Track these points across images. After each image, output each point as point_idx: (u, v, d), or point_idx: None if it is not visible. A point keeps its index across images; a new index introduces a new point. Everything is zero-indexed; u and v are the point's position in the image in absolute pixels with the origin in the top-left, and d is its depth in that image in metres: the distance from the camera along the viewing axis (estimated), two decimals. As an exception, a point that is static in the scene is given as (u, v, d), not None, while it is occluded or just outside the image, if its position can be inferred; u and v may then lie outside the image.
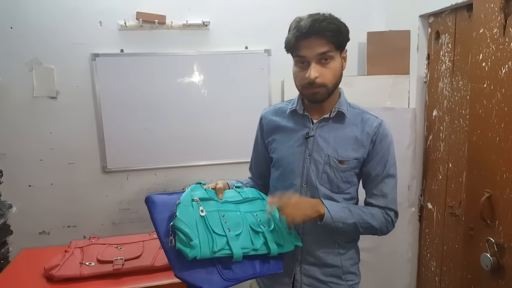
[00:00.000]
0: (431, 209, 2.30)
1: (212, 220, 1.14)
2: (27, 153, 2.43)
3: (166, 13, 2.44)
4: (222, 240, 1.12)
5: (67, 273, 1.62)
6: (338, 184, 1.26)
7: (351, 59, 2.71)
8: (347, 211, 1.23)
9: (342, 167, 1.25)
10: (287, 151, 1.30)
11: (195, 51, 2.52)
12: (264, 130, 1.39)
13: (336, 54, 1.19)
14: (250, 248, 1.17)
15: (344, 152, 1.25)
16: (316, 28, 1.13)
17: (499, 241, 1.32)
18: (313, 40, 1.15)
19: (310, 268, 1.29)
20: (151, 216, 1.14)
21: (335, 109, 1.27)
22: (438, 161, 2.22)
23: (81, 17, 2.38)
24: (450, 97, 2.09)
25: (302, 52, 1.17)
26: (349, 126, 1.27)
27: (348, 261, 1.33)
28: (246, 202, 1.26)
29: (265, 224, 1.23)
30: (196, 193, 1.18)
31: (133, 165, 2.55)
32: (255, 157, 1.48)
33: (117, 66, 2.44)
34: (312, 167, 1.26)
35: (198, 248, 1.07)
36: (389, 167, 1.29)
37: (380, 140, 1.27)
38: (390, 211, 1.30)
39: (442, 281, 2.23)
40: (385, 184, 1.28)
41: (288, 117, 1.33)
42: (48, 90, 2.40)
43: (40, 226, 2.51)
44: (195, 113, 2.56)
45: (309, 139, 1.27)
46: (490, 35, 1.34)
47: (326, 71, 1.18)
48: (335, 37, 1.16)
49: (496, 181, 1.33)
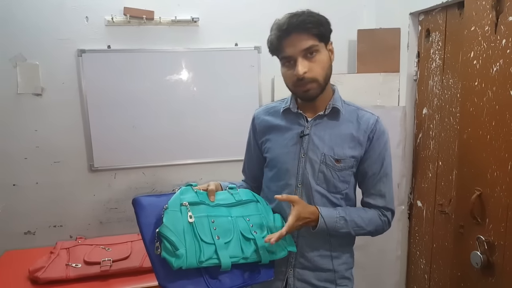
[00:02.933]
0: (421, 207, 2.31)
1: (201, 227, 1.08)
2: (12, 151, 2.37)
3: (154, 8, 2.40)
4: (210, 249, 1.07)
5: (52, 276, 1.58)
6: (335, 184, 1.23)
7: (341, 57, 2.73)
8: (343, 221, 1.20)
9: (339, 166, 1.21)
10: (281, 151, 1.26)
11: (184, 48, 2.49)
12: (257, 131, 1.36)
13: (321, 47, 1.16)
14: (239, 256, 1.11)
15: (341, 150, 1.22)
16: (295, 23, 1.12)
17: (489, 239, 1.33)
18: (295, 37, 1.13)
19: (304, 273, 1.27)
20: (138, 220, 1.09)
21: (330, 105, 1.24)
22: (428, 159, 2.23)
23: (67, 12, 2.32)
24: (440, 95, 2.10)
25: (286, 52, 1.15)
26: (345, 123, 1.24)
27: (343, 265, 1.30)
28: (239, 205, 1.20)
29: (258, 230, 1.17)
30: (186, 197, 1.12)
31: (121, 163, 2.50)
32: (248, 159, 1.45)
33: (104, 62, 2.39)
34: (308, 166, 1.23)
35: (184, 258, 1.02)
36: (387, 166, 1.26)
37: (377, 137, 1.24)
38: (387, 211, 1.28)
39: (431, 278, 2.24)
40: (383, 183, 1.26)
41: (282, 116, 1.30)
42: (33, 87, 2.34)
43: (25, 226, 2.45)
44: (184, 110, 2.53)
45: (304, 137, 1.24)
46: (482, 33, 1.34)
47: (314, 65, 1.15)
48: (317, 28, 1.14)
49: (487, 179, 1.33)
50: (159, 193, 2.60)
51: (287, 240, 1.21)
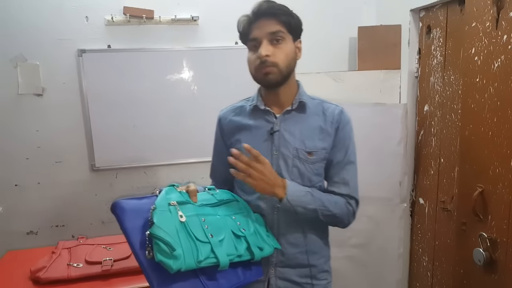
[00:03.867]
0: (423, 205, 2.30)
1: (194, 226, 1.02)
2: (13, 151, 2.37)
3: (154, 7, 2.39)
4: (206, 248, 1.01)
5: (54, 275, 1.57)
6: (310, 177, 1.24)
7: (341, 54, 2.73)
8: (310, 195, 1.19)
9: (311, 159, 1.23)
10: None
11: (184, 47, 2.48)
12: (225, 132, 1.35)
13: (288, 37, 1.19)
14: (234, 254, 1.07)
15: (311, 143, 1.23)
16: (266, 8, 1.16)
17: (492, 236, 1.32)
18: (264, 21, 1.16)
19: (285, 271, 1.26)
20: (121, 225, 0.98)
21: (296, 100, 1.26)
22: (430, 156, 2.22)
23: (66, 12, 2.32)
24: (442, 92, 2.09)
25: (253, 34, 1.18)
26: (312, 117, 1.26)
27: (321, 259, 1.31)
28: (222, 204, 1.18)
29: (245, 228, 1.14)
30: (172, 196, 1.06)
31: (122, 163, 2.50)
32: (217, 162, 1.43)
33: (104, 62, 2.39)
34: (281, 162, 1.23)
35: (182, 258, 0.94)
36: (350, 154, 1.27)
37: (342, 127, 1.26)
38: (351, 200, 1.27)
39: (434, 276, 2.23)
40: (347, 171, 1.26)
41: (249, 114, 1.29)
42: (33, 87, 2.35)
43: (27, 226, 2.46)
44: (184, 109, 2.52)
45: (275, 134, 1.24)
46: (483, 28, 1.33)
47: (277, 51, 1.17)
48: (286, 17, 1.17)
49: (489, 176, 1.32)
50: (160, 192, 2.61)
51: (271, 238, 1.21)
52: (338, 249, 2.34)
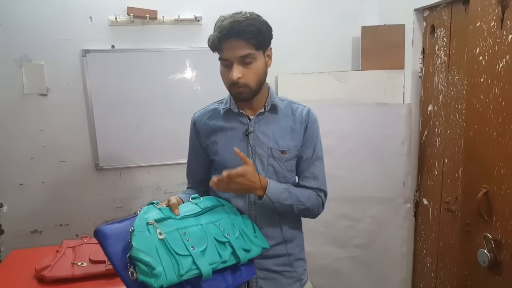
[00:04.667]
0: (427, 205, 2.30)
1: (173, 241, 1.04)
2: (18, 151, 2.39)
3: (157, 8, 2.40)
4: (187, 261, 1.03)
5: (58, 274, 1.58)
6: (284, 174, 1.31)
7: (345, 54, 2.72)
8: (287, 192, 1.26)
9: (284, 157, 1.30)
10: (229, 151, 1.29)
11: (187, 47, 2.49)
12: (200, 134, 1.39)
13: (258, 54, 1.22)
14: (218, 261, 1.09)
15: (284, 142, 1.30)
16: (235, 29, 1.17)
17: (497, 237, 1.31)
18: (234, 42, 1.18)
19: (263, 262, 1.31)
20: (104, 250, 1.03)
21: (269, 103, 1.32)
22: (434, 156, 2.21)
23: (71, 12, 2.33)
24: (446, 92, 2.08)
25: (224, 55, 1.21)
26: (283, 118, 1.33)
27: (296, 248, 1.37)
28: (206, 212, 1.20)
29: (230, 232, 1.17)
30: (150, 215, 1.07)
31: (126, 162, 2.51)
32: (193, 164, 1.47)
33: (108, 62, 2.40)
34: (257, 161, 1.29)
35: (163, 276, 0.97)
36: (318, 150, 1.36)
37: (310, 125, 1.34)
38: (320, 192, 1.35)
39: (438, 277, 2.23)
40: (315, 166, 1.35)
41: (223, 117, 1.34)
42: (38, 87, 2.36)
43: (32, 225, 2.47)
44: (188, 109, 2.49)
45: (250, 135, 1.30)
46: (487, 28, 1.32)
47: (248, 72, 1.21)
48: (255, 38, 1.19)
49: (493, 176, 1.31)
50: (163, 192, 2.62)
51: (259, 238, 1.24)
52: (341, 249, 2.34)
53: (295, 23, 2.51)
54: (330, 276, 2.36)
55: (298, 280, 1.37)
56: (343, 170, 2.27)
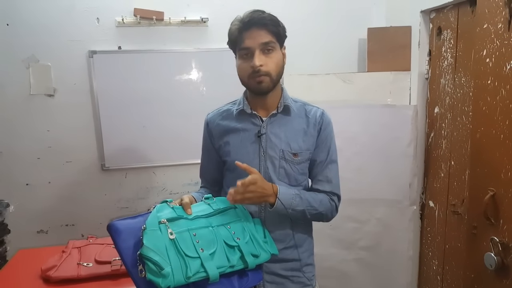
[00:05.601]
0: (433, 207, 2.28)
1: (183, 242, 1.05)
2: (24, 151, 2.41)
3: (164, 9, 2.41)
4: (196, 263, 1.04)
5: (64, 274, 1.59)
6: (296, 177, 1.29)
7: (351, 56, 2.71)
8: (298, 198, 1.25)
9: (296, 160, 1.28)
10: (241, 152, 1.30)
11: (193, 48, 2.50)
12: (213, 135, 1.38)
13: (277, 46, 1.23)
14: (226, 266, 1.09)
15: (296, 144, 1.29)
16: (257, 18, 1.19)
17: (504, 240, 1.30)
18: (255, 31, 1.19)
19: (271, 265, 1.30)
20: (116, 245, 1.04)
21: (281, 104, 1.30)
22: (440, 158, 2.19)
23: (78, 13, 2.35)
24: (452, 94, 2.07)
25: (245, 44, 1.21)
26: (296, 119, 1.31)
27: (305, 253, 1.35)
28: (217, 213, 1.20)
29: (240, 236, 1.17)
30: (163, 214, 1.09)
31: (132, 163, 2.53)
32: (206, 164, 1.46)
33: (115, 63, 2.41)
34: (269, 163, 1.28)
35: (170, 276, 0.99)
36: (332, 153, 1.34)
37: (324, 128, 1.32)
38: (334, 196, 1.33)
39: (444, 280, 2.21)
40: (329, 170, 1.33)
41: (236, 118, 1.33)
42: (45, 87, 2.38)
43: (38, 225, 2.49)
44: (193, 110, 2.53)
45: (262, 136, 1.29)
46: (494, 30, 1.31)
47: (269, 60, 1.21)
48: (275, 27, 1.21)
49: (500, 179, 1.30)
50: (169, 192, 2.63)
51: (269, 243, 1.23)
52: (347, 251, 2.33)
53: (302, 25, 2.51)
54: (335, 278, 2.35)
55: (306, 285, 1.35)
56: (349, 172, 2.26)
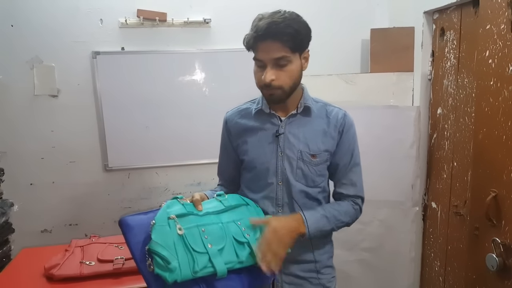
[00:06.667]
0: (435, 209, 2.28)
1: (192, 238, 1.05)
2: (28, 151, 2.42)
3: (167, 10, 2.42)
4: (203, 258, 1.04)
5: (67, 273, 1.60)
6: (313, 178, 1.27)
7: (354, 57, 2.71)
8: (325, 219, 1.23)
9: (315, 161, 1.26)
10: (259, 151, 1.29)
11: (196, 49, 2.51)
12: (231, 134, 1.37)
13: (293, 57, 1.18)
14: (235, 261, 1.09)
15: (315, 145, 1.26)
16: (273, 31, 1.13)
17: (506, 241, 1.30)
18: (269, 44, 1.14)
19: (289, 266, 1.29)
20: (126, 240, 1.07)
21: (301, 104, 1.28)
22: (443, 159, 2.19)
23: (81, 15, 2.36)
24: (455, 95, 2.06)
25: (258, 56, 1.18)
26: (316, 120, 1.29)
27: (324, 255, 1.35)
28: (228, 210, 1.19)
29: (250, 233, 1.15)
30: (172, 210, 1.09)
31: (135, 163, 2.54)
32: (224, 162, 1.45)
33: (118, 64, 2.42)
34: (286, 164, 1.26)
35: (177, 270, 1.00)
36: (355, 156, 1.32)
37: (346, 130, 1.29)
38: (358, 199, 1.33)
39: (446, 281, 2.20)
40: (353, 173, 1.31)
41: (254, 117, 1.32)
42: (49, 88, 2.39)
43: (42, 224, 2.51)
44: (196, 111, 2.54)
45: (280, 136, 1.27)
46: (497, 31, 1.31)
47: (282, 74, 1.17)
48: (291, 41, 1.14)
49: (503, 180, 1.30)
50: (171, 193, 2.64)
51: None
52: (349, 253, 2.33)
53: (304, 26, 2.51)
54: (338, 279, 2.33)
55: (325, 287, 1.34)
56: (351, 173, 2.26)
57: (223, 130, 1.42)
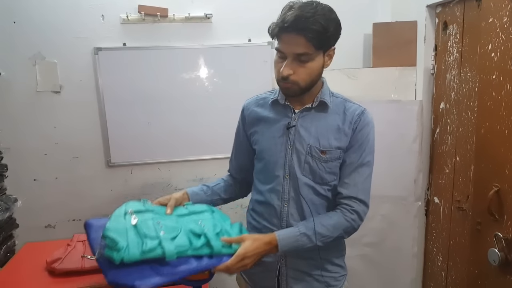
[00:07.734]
0: (438, 203, 2.27)
1: (146, 226, 1.07)
2: (32, 147, 2.43)
3: (168, 6, 2.41)
4: (154, 242, 1.04)
5: (68, 267, 1.62)
6: (322, 175, 1.23)
7: (356, 51, 2.70)
8: (304, 237, 1.17)
9: (324, 157, 1.22)
10: (269, 142, 1.27)
11: (197, 44, 2.50)
12: (246, 122, 1.37)
13: (316, 54, 1.14)
14: (187, 246, 1.07)
15: (326, 141, 1.22)
16: (299, 25, 1.08)
17: (507, 236, 1.29)
18: (294, 37, 1.10)
19: (296, 262, 1.28)
20: (87, 237, 1.14)
21: (318, 99, 1.25)
22: (445, 154, 2.18)
23: (83, 11, 2.36)
24: (458, 89, 2.05)
25: (281, 47, 1.15)
26: (331, 115, 1.25)
27: (333, 254, 1.32)
28: (191, 214, 1.19)
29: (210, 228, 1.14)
30: (130, 205, 1.16)
31: (137, 159, 2.54)
32: (237, 149, 1.46)
33: (120, 60, 2.42)
34: (294, 157, 1.24)
35: (125, 250, 1.00)
36: (365, 156, 1.24)
37: (360, 128, 1.23)
38: (355, 204, 1.22)
39: (448, 276, 2.20)
40: (358, 174, 1.23)
41: (270, 107, 1.31)
42: (51, 84, 2.40)
43: (45, 219, 2.52)
44: (198, 106, 2.54)
45: (291, 129, 1.24)
46: (500, 24, 1.30)
47: (301, 70, 1.14)
48: (317, 38, 1.10)
49: (505, 175, 1.29)
50: (174, 188, 2.65)
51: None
52: (351, 248, 2.31)
53: (306, 20, 2.50)
54: (339, 274, 2.34)
55: (330, 285, 1.31)
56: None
57: (240, 117, 1.41)
